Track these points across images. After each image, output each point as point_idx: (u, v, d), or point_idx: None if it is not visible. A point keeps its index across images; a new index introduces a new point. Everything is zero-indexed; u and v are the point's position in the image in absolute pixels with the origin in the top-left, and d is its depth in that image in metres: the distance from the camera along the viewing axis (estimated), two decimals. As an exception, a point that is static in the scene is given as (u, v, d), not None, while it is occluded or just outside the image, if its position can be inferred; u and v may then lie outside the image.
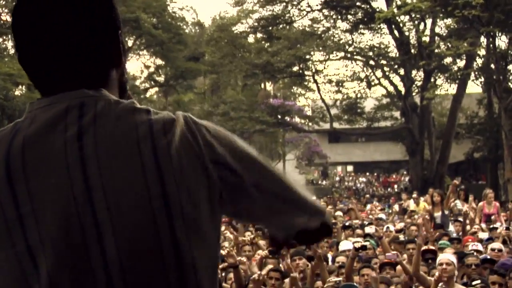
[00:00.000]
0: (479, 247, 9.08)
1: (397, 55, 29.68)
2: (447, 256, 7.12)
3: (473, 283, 6.51)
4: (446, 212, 12.52)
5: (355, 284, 6.62)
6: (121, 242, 1.19)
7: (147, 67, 38.12)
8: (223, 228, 11.44)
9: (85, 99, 1.27)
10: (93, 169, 1.20)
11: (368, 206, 18.81)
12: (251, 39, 34.33)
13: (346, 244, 9.22)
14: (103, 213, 1.19)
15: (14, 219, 1.20)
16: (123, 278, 1.19)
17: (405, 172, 47.73)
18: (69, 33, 1.28)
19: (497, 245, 8.68)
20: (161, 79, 37.79)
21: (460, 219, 11.63)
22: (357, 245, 7.09)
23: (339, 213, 15.10)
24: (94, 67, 1.31)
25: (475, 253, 8.37)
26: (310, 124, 35.89)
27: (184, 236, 1.23)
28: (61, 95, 1.28)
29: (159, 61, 36.57)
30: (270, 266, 7.10)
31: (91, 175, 1.20)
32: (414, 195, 16.02)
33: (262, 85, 39.85)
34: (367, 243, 8.93)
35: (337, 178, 50.67)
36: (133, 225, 1.20)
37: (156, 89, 41.74)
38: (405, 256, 8.16)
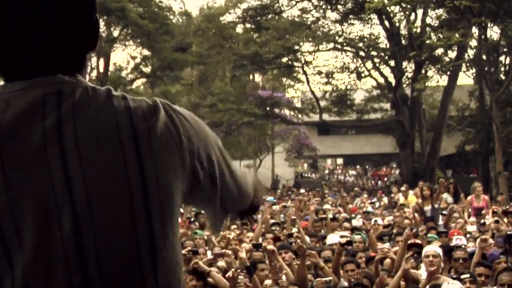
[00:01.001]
0: (463, 240, 9.14)
1: (388, 46, 29.73)
2: (433, 248, 7.17)
3: (462, 276, 6.54)
4: (436, 205, 12.61)
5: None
6: (99, 235, 1.19)
7: (133, 57, 37.96)
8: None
9: (61, 85, 1.26)
10: (73, 160, 1.19)
11: (357, 200, 18.85)
12: (239, 29, 34.28)
13: (333, 238, 9.25)
14: (82, 205, 1.19)
15: None
16: (99, 271, 1.19)
17: (395, 165, 47.93)
18: (44, 16, 1.26)
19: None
20: (148, 70, 37.65)
21: (444, 212, 11.73)
22: (343, 240, 7.12)
23: (327, 206, 15.14)
24: (71, 51, 1.30)
25: (462, 247, 8.44)
26: (299, 116, 35.91)
27: (159, 227, 1.25)
28: (36, 80, 1.26)
29: (146, 52, 36.41)
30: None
31: (71, 166, 1.19)
32: (403, 188, 16.08)
33: (251, 77, 39.79)
34: (358, 237, 8.98)
35: (327, 171, 50.78)
36: (113, 218, 1.20)
37: (143, 80, 41.59)
38: (395, 249, 8.22)
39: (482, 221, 11.63)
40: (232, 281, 5.65)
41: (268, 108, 32.05)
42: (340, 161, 57.72)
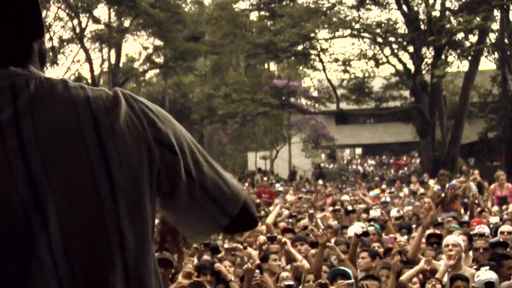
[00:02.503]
0: (485, 229, 9.07)
1: (406, 31, 29.55)
2: (453, 237, 7.12)
3: (482, 268, 6.50)
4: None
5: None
6: (66, 228, 1.19)
7: (145, 48, 38.07)
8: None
9: (14, 78, 1.25)
10: (34, 153, 1.19)
11: (373, 193, 18.77)
12: (253, 17, 34.25)
13: (353, 229, 9.23)
14: (46, 199, 1.18)
15: None
16: (69, 265, 1.19)
17: (416, 154, 47.69)
18: None
19: (506, 227, 8.66)
20: (160, 60, 37.76)
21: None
22: (359, 231, 7.10)
23: (345, 197, 15.13)
24: (17, 40, 1.29)
25: (485, 235, 8.40)
26: (316, 105, 35.83)
27: (127, 219, 1.24)
28: None
29: (158, 42, 36.52)
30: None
31: (32, 160, 1.19)
32: (424, 178, 16.02)
33: (266, 66, 39.75)
34: (371, 228, 8.95)
35: (345, 161, 50.66)
36: (79, 210, 1.20)
37: (155, 71, 41.69)
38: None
39: (505, 210, 11.55)
40: (249, 273, 5.64)
41: (283, 98, 32.00)
42: (358, 151, 57.56)
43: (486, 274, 6.02)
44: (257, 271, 5.85)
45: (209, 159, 1.42)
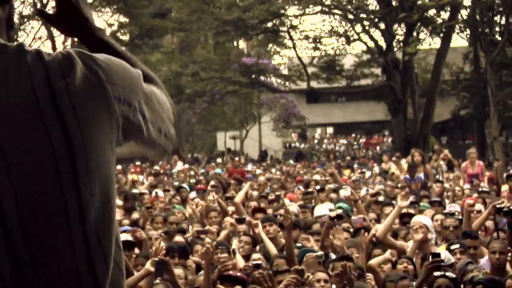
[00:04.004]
0: (457, 208, 9.22)
1: (377, 8, 29.62)
2: (420, 218, 7.23)
3: (451, 247, 6.62)
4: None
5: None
6: (21, 203, 1.17)
7: (110, 25, 37.50)
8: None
9: None
10: None
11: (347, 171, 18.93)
12: (221, -7, 33.96)
13: (321, 209, 9.30)
14: (1, 173, 1.16)
15: None
16: (26, 243, 1.17)
17: (387, 133, 48.12)
18: None
19: (477, 206, 8.80)
20: (126, 38, 37.28)
21: (441, 179, 11.82)
22: (333, 214, 7.13)
23: (317, 176, 15.21)
24: None
25: (456, 214, 8.54)
26: (286, 83, 35.83)
27: (87, 189, 1.22)
28: None
29: (123, 19, 36.05)
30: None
31: None
32: (395, 158, 16.18)
33: (235, 43, 39.58)
34: (340, 211, 9.03)
35: (316, 141, 50.89)
36: (37, 186, 1.18)
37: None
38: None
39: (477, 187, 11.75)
40: (207, 257, 5.62)
41: (253, 76, 31.93)
42: (330, 130, 57.86)
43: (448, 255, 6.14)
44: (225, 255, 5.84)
45: (152, 100, 1.42)
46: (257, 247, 7.48)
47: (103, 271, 1.26)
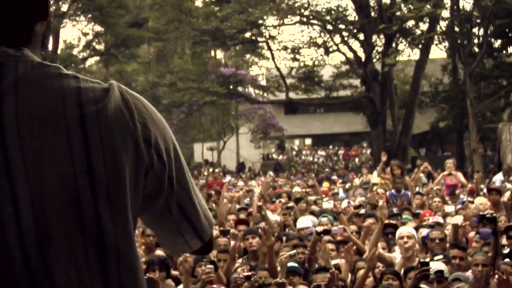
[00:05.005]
0: (440, 220, 9.33)
1: (356, 18, 29.86)
2: (408, 229, 7.30)
3: (435, 258, 6.71)
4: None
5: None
6: (40, 221, 1.18)
7: (85, 34, 37.40)
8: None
9: (4, 58, 1.24)
10: (13, 138, 1.18)
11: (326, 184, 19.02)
12: (198, 2, 34.06)
13: (304, 222, 9.35)
14: (22, 188, 1.17)
15: None
16: (42, 260, 1.19)
17: (365, 145, 48.40)
18: None
19: (458, 219, 8.91)
20: (101, 47, 37.19)
21: (421, 191, 11.94)
22: (320, 229, 7.16)
23: (297, 188, 15.26)
24: (17, 20, 1.28)
25: (440, 224, 8.65)
26: (264, 94, 35.93)
27: (108, 217, 1.23)
28: None
29: (98, 28, 35.95)
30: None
31: (10, 146, 1.18)
32: (378, 168, 16.27)
33: (212, 53, 39.64)
34: (324, 219, 9.10)
35: (294, 152, 51.00)
36: (55, 203, 1.19)
37: (96, 58, 41.08)
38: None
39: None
40: (184, 266, 5.64)
41: (231, 87, 31.98)
42: (308, 141, 58.04)
43: (435, 264, 6.22)
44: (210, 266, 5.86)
45: (187, 170, 1.42)
46: (240, 260, 7.52)
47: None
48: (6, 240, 1.17)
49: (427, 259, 6.99)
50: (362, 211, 10.29)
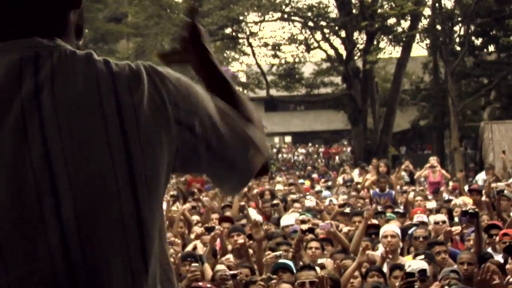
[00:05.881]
0: (424, 218, 9.45)
1: (338, 15, 29.98)
2: (391, 227, 7.39)
3: (417, 257, 6.80)
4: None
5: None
6: (80, 212, 1.20)
7: (62, 29, 37.22)
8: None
9: (39, 49, 1.25)
10: (52, 131, 1.20)
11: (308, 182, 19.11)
12: (179, -3, 33.92)
13: (288, 219, 9.42)
14: (62, 180, 1.19)
15: None
16: (81, 249, 1.21)
17: (346, 143, 48.57)
18: None
19: (441, 217, 9.04)
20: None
21: (407, 189, 12.08)
22: (304, 227, 7.23)
23: (279, 186, 15.32)
24: (49, 9, 1.29)
25: (424, 223, 8.77)
26: (245, 91, 35.91)
27: (146, 204, 1.26)
28: (12, 43, 1.26)
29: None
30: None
31: (50, 138, 1.19)
32: (363, 165, 16.42)
33: (192, 49, 39.49)
34: (302, 216, 9.18)
35: (274, 150, 51.02)
36: (95, 193, 1.21)
37: (73, 54, 40.79)
38: (346, 229, 8.47)
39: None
40: (176, 267, 5.71)
41: (211, 83, 31.83)
42: (288, 139, 58.12)
43: (418, 263, 6.31)
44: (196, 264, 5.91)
45: (232, 120, 1.42)
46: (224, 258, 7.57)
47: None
48: (47, 232, 1.19)
49: (409, 258, 7.11)
50: (347, 210, 10.38)
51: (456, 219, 9.57)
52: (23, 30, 1.27)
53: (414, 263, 6.25)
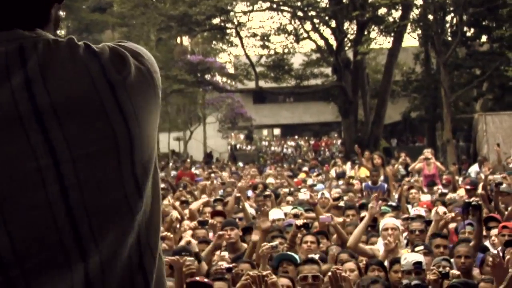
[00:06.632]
0: (422, 212, 9.46)
1: (328, 5, 29.93)
2: (392, 220, 7.38)
3: (416, 249, 6.80)
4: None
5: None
6: (89, 197, 1.21)
7: (46, 19, 37.02)
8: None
9: (22, 41, 1.25)
10: (50, 119, 1.20)
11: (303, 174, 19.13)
12: (165, -13, 33.75)
13: (276, 213, 9.39)
14: (67, 166, 1.20)
15: None
16: (93, 239, 1.22)
17: (336, 135, 48.70)
18: None
19: (442, 209, 9.03)
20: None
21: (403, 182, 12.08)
22: (299, 222, 7.21)
23: (270, 179, 15.30)
24: (34, 2, 1.31)
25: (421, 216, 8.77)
26: (233, 83, 35.88)
27: (145, 183, 1.29)
28: None
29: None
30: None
31: (50, 127, 1.20)
32: (355, 160, 16.42)
33: (178, 40, 39.43)
34: (295, 210, 9.17)
35: (265, 143, 50.99)
36: (101, 177, 1.22)
37: (57, 44, 40.57)
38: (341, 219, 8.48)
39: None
40: (177, 264, 5.66)
41: (198, 75, 31.82)
42: (277, 131, 58.18)
43: (413, 255, 6.31)
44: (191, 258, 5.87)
45: None
46: (219, 252, 7.53)
47: (151, 266, 1.32)
48: (56, 219, 1.20)
49: (408, 251, 7.10)
50: (341, 203, 10.36)
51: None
52: (3, 23, 1.27)
53: (409, 256, 6.24)
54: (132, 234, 1.27)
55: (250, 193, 12.87)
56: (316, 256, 7.04)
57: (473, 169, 15.81)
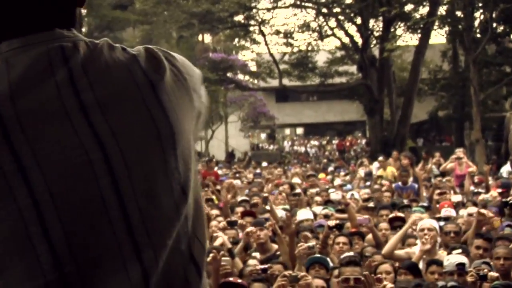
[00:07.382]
0: (452, 212, 9.36)
1: (353, 1, 29.81)
2: (429, 221, 7.30)
3: (454, 252, 6.71)
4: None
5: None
6: (138, 190, 1.25)
7: (66, 16, 37.24)
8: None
9: (62, 40, 1.31)
10: (96, 114, 1.25)
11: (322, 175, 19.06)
12: (188, -16, 33.81)
13: (304, 214, 9.36)
14: (117, 159, 1.25)
15: (14, 172, 1.21)
16: (143, 223, 1.25)
17: (359, 134, 48.50)
18: None
19: (473, 209, 8.94)
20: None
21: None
22: (332, 223, 7.18)
23: (296, 179, 15.25)
24: (63, 5, 1.36)
25: (452, 218, 8.68)
26: (255, 81, 35.84)
27: (186, 175, 1.33)
28: (35, 37, 1.31)
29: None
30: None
31: (96, 122, 1.25)
32: (381, 159, 16.32)
33: (199, 37, 39.47)
34: (326, 210, 9.12)
35: (288, 143, 50.83)
36: (148, 168, 1.27)
37: (77, 42, 40.80)
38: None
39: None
40: (215, 263, 5.67)
41: (221, 73, 31.85)
42: (300, 130, 58.07)
43: (457, 257, 6.24)
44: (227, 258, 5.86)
45: None
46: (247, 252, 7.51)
47: (201, 256, 1.36)
48: (108, 212, 1.23)
49: (444, 253, 7.02)
50: (371, 204, 10.32)
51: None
52: (43, 24, 1.33)
53: (452, 257, 6.18)
54: (179, 225, 1.30)
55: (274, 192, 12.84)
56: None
57: (505, 168, 15.60)
